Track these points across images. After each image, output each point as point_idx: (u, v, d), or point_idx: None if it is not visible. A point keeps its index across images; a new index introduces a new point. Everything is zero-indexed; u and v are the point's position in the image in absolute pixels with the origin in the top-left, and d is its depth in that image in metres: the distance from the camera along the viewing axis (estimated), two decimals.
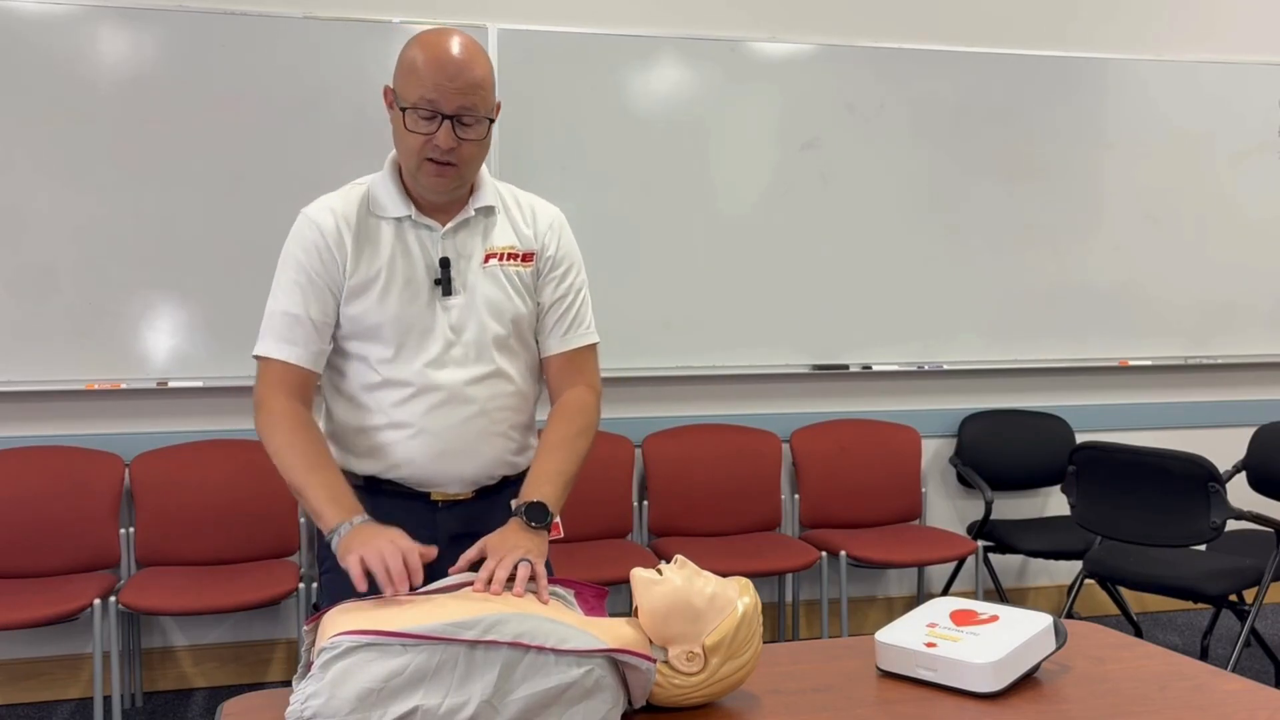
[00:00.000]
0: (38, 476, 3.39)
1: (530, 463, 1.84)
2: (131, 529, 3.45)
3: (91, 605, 3.08)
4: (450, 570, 1.57)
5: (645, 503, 3.86)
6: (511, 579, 1.48)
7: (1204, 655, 3.83)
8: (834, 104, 3.97)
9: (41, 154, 3.39)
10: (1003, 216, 4.14)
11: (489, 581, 1.47)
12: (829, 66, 3.95)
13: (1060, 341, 4.22)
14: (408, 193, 1.81)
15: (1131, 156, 4.23)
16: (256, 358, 1.79)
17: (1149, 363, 4.31)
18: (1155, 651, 1.59)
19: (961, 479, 4.17)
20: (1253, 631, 3.34)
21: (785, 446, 4.00)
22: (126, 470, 3.46)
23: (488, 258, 1.81)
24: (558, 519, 1.75)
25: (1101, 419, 4.31)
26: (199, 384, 3.52)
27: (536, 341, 1.89)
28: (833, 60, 3.95)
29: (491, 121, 1.75)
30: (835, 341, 4.02)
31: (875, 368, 4.07)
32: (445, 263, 1.78)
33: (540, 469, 1.77)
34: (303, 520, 3.52)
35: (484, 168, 1.85)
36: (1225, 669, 1.75)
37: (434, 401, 1.77)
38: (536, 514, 1.68)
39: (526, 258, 1.84)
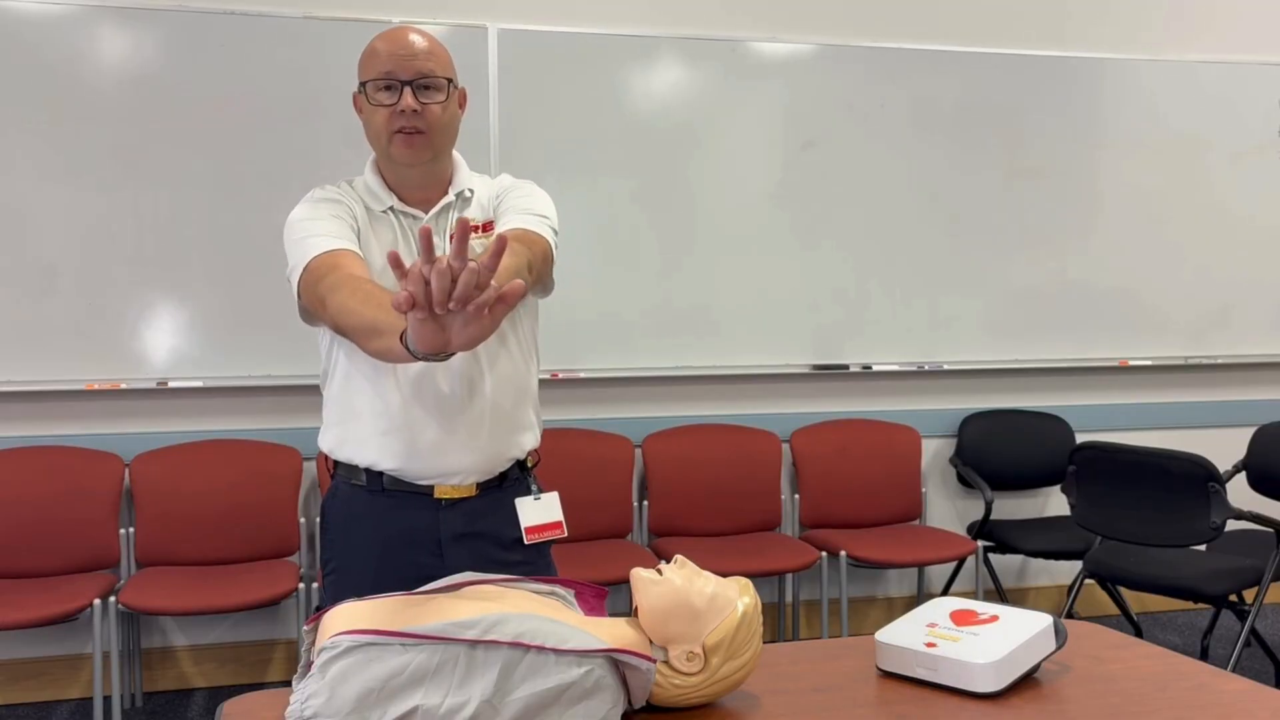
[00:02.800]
0: (38, 476, 3.39)
1: (533, 444, 1.87)
2: (131, 529, 3.45)
3: (91, 605, 3.08)
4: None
5: (645, 503, 3.86)
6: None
7: (1204, 655, 3.83)
8: (834, 104, 3.97)
9: (41, 154, 3.39)
10: (1003, 216, 4.14)
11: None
12: (829, 66, 3.95)
13: (1060, 341, 4.22)
14: (389, 187, 1.83)
15: (1132, 156, 4.23)
16: (294, 278, 1.71)
17: (1149, 363, 4.31)
18: (1155, 651, 1.59)
19: (961, 479, 4.17)
20: (1253, 631, 3.34)
21: (785, 446, 4.00)
22: (126, 470, 3.46)
23: (452, 237, 1.82)
24: (560, 518, 1.75)
25: (1102, 419, 4.31)
26: (199, 384, 3.52)
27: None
28: (833, 60, 3.95)
29: (450, 82, 1.76)
30: (835, 341, 4.02)
31: (875, 368, 4.07)
32: None
33: None
34: (302, 520, 3.52)
35: (459, 156, 1.87)
36: (1225, 669, 1.75)
37: (433, 385, 1.77)
38: None
39: (487, 226, 1.85)
